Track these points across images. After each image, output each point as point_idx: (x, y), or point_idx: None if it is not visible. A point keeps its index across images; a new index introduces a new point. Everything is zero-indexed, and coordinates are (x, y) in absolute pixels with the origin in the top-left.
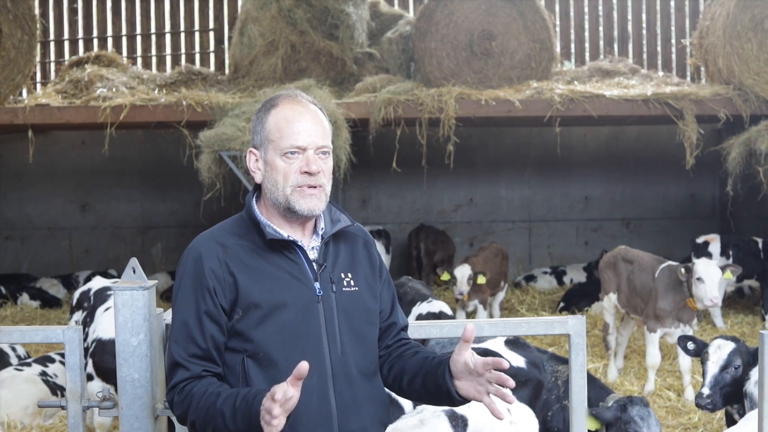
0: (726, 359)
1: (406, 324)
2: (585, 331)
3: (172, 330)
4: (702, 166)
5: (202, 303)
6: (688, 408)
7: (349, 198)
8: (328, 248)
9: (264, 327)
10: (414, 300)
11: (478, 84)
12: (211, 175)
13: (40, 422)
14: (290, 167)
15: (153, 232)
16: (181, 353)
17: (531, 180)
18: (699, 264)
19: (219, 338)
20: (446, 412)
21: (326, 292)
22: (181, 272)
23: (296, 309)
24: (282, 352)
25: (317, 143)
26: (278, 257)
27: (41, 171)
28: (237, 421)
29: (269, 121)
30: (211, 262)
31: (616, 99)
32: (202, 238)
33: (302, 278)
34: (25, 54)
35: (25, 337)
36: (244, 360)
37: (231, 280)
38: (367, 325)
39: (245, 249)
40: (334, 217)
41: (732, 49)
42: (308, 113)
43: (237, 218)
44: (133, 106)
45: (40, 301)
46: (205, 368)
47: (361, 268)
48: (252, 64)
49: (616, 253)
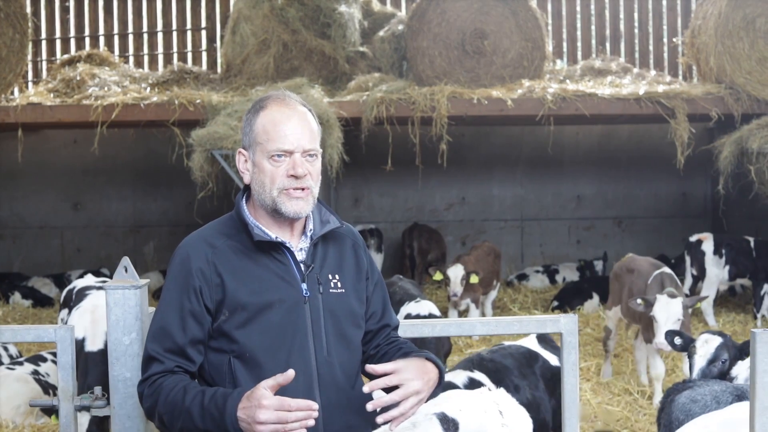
0: (713, 353)
1: (397, 324)
2: (577, 330)
3: (152, 325)
4: (694, 164)
5: (187, 302)
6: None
7: (341, 197)
8: (316, 249)
9: (250, 328)
10: (402, 300)
11: (471, 83)
12: (203, 174)
13: (32, 421)
14: (277, 170)
15: (145, 231)
16: (156, 348)
17: (523, 179)
18: (659, 301)
19: (199, 337)
20: (438, 415)
21: (313, 293)
22: (170, 271)
23: (282, 310)
24: (268, 352)
25: (304, 146)
26: (266, 258)
27: (33, 170)
28: (206, 421)
29: (257, 122)
30: (200, 262)
31: (608, 98)
32: (191, 238)
33: (289, 279)
34: (16, 52)
35: (17, 336)
36: (230, 360)
37: (218, 281)
38: (352, 327)
39: (234, 250)
40: (323, 218)
41: (724, 48)
42: (296, 116)
43: (227, 218)
44: (125, 105)
45: (32, 300)
46: (178, 364)
47: (349, 270)
48: (244, 63)
49: (621, 263)
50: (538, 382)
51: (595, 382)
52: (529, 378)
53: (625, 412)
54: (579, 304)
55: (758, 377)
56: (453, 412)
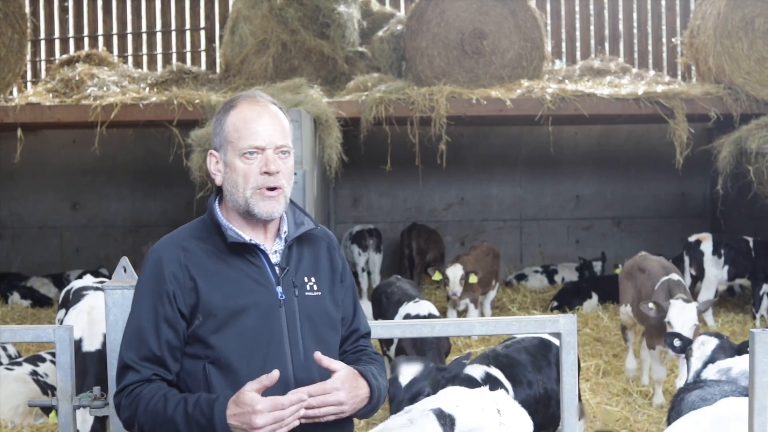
0: (710, 355)
1: (368, 330)
2: (576, 330)
3: (126, 333)
4: (692, 165)
5: (161, 307)
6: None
7: (340, 197)
8: (291, 251)
9: (224, 333)
10: (401, 300)
11: (469, 83)
12: (202, 174)
13: (30, 422)
14: (250, 168)
15: (144, 231)
16: (132, 356)
17: (522, 179)
18: (674, 306)
19: (174, 344)
20: (434, 411)
21: (288, 297)
22: (142, 276)
23: (257, 314)
24: (243, 358)
25: (276, 142)
26: (240, 261)
27: (32, 170)
28: (192, 429)
29: (228, 122)
30: (172, 265)
31: (607, 98)
32: (163, 241)
33: (264, 282)
34: (15, 52)
35: (15, 336)
36: (205, 366)
37: (191, 285)
38: (329, 330)
39: (206, 253)
40: (297, 220)
41: (723, 48)
42: (267, 113)
43: (199, 221)
44: (124, 105)
45: (31, 300)
46: (155, 372)
47: (324, 273)
48: (243, 63)
49: (633, 261)
50: (552, 372)
51: (594, 382)
52: (544, 370)
53: (625, 412)
54: (578, 304)
55: (757, 377)
56: (450, 408)
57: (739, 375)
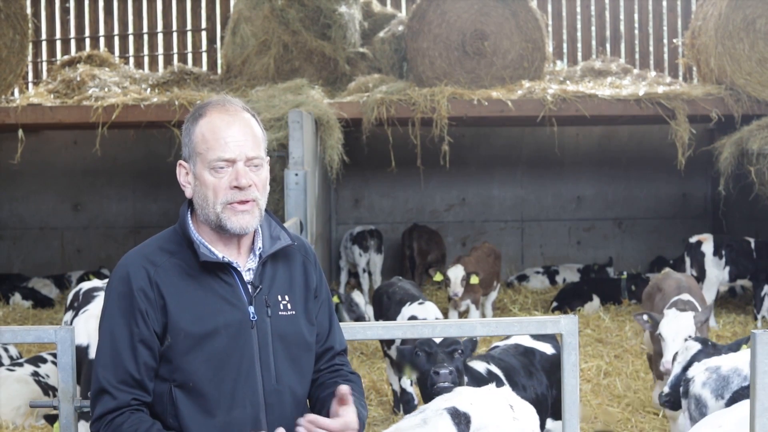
0: (689, 361)
1: (343, 348)
2: (577, 331)
3: (99, 352)
4: (694, 165)
5: (135, 327)
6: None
7: (341, 198)
8: (265, 268)
9: (193, 355)
10: (403, 300)
11: (471, 84)
12: None
13: (32, 422)
14: (219, 182)
15: (145, 232)
16: (109, 378)
17: (523, 180)
18: (665, 316)
19: (151, 364)
20: (449, 410)
21: (261, 317)
22: (109, 292)
23: (228, 336)
24: (212, 382)
25: (247, 154)
26: (211, 279)
27: (33, 170)
28: None
29: (196, 131)
30: (141, 281)
31: (609, 99)
32: (131, 255)
33: (235, 302)
34: (16, 53)
35: (17, 337)
36: (171, 390)
37: (162, 303)
38: (303, 352)
39: (177, 269)
40: (273, 234)
41: (724, 49)
42: (237, 122)
43: (170, 232)
44: (125, 106)
45: (33, 301)
46: (134, 396)
47: (299, 290)
48: (244, 64)
49: (655, 280)
50: (542, 377)
51: (595, 383)
52: (535, 375)
53: (626, 413)
54: (579, 306)
55: (758, 378)
56: (464, 407)
57: (731, 372)
